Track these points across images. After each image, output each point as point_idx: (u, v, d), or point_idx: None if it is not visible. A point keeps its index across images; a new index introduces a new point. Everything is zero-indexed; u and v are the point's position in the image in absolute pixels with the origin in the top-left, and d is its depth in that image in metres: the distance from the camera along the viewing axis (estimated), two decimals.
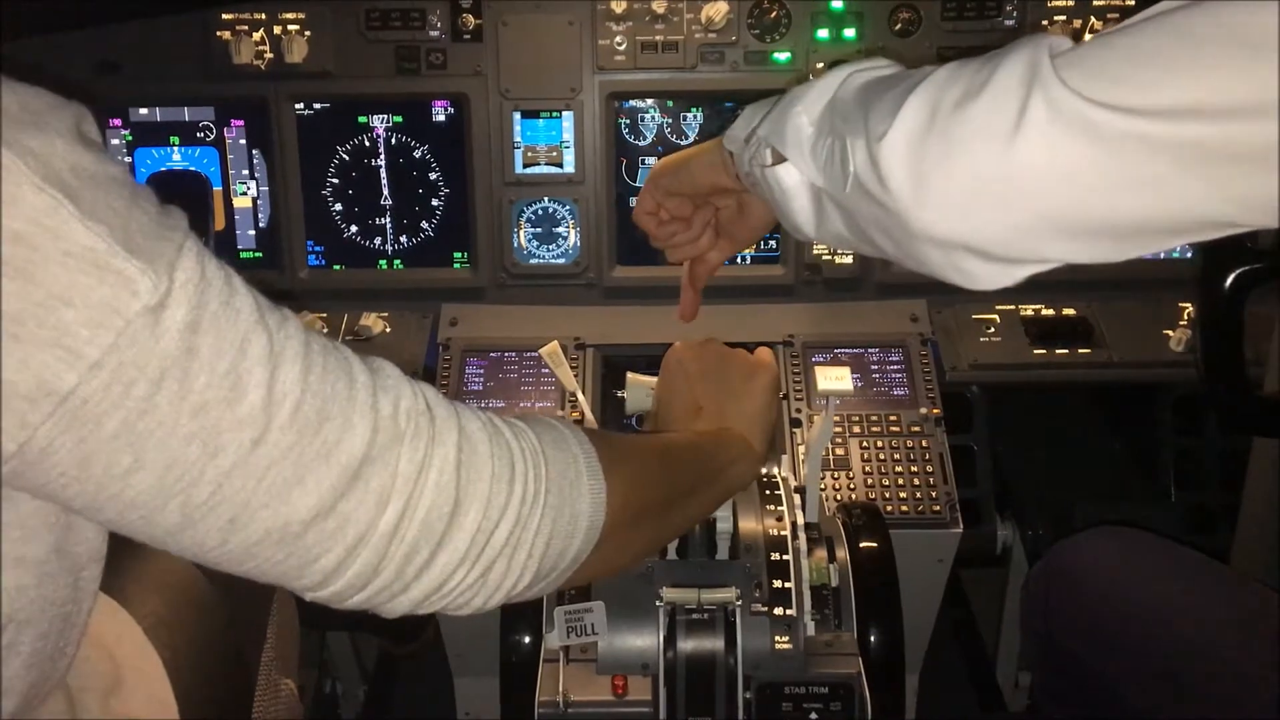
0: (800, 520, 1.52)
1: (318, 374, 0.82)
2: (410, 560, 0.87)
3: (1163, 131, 0.76)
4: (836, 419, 2.11)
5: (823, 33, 2.26)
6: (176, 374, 0.73)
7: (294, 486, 0.80)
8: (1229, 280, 1.52)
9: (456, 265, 2.37)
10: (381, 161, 2.33)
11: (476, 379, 2.21)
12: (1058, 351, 2.26)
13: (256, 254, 2.37)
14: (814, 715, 1.35)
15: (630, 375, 1.52)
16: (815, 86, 1.06)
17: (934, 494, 2.04)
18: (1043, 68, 0.81)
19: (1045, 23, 2.25)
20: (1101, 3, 2.25)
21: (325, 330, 2.30)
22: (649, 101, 2.31)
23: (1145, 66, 0.77)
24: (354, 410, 0.83)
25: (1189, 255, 2.34)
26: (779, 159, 1.09)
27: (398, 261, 2.37)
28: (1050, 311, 2.33)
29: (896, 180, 0.88)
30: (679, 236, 1.40)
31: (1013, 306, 2.34)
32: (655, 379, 1.52)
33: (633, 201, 2.33)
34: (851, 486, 2.05)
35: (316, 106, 2.31)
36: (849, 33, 2.26)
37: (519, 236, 2.33)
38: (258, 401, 0.77)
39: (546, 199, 2.32)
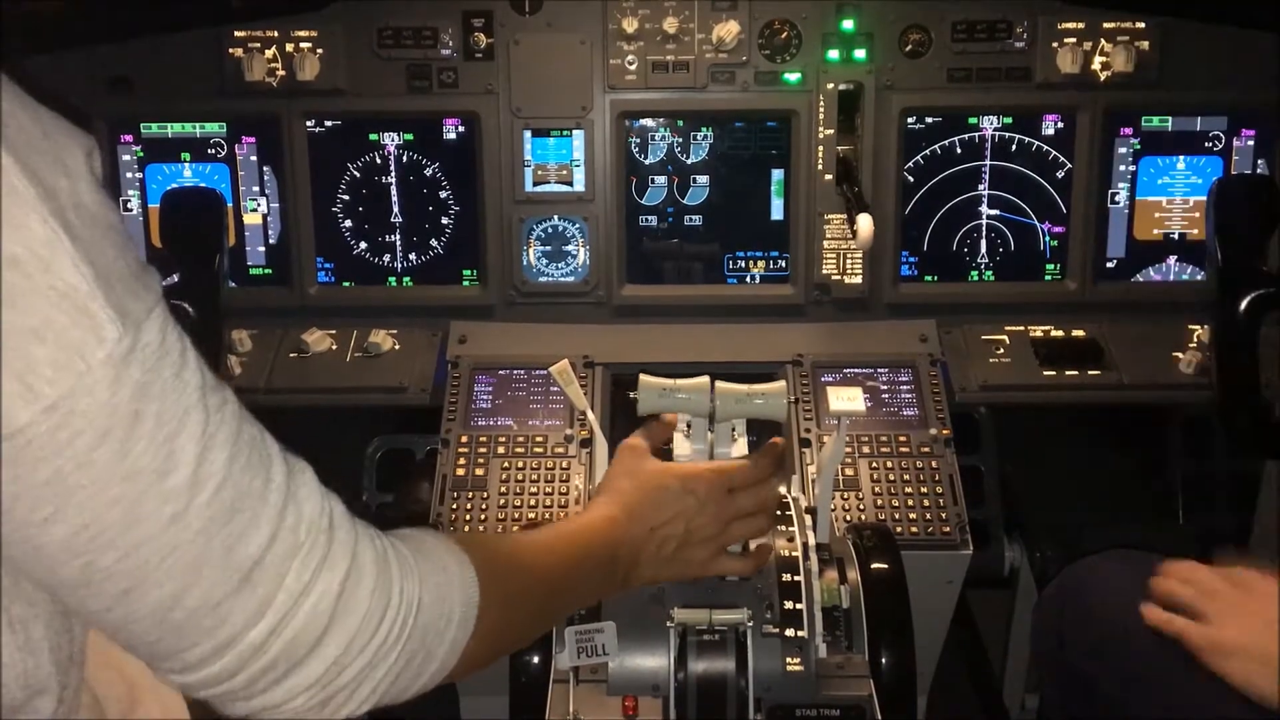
0: (811, 541, 1.51)
1: (241, 465, 0.84)
2: (265, 674, 0.88)
3: None
4: (845, 439, 2.10)
5: (833, 53, 2.26)
6: (119, 434, 0.75)
7: (190, 573, 0.81)
8: (1244, 304, 1.52)
9: (466, 283, 2.37)
10: (392, 179, 2.34)
11: (485, 397, 2.21)
12: (1067, 373, 2.25)
13: (266, 270, 2.37)
14: None
15: (643, 376, 1.51)
16: None
17: (944, 515, 2.03)
18: None
19: (1055, 45, 2.25)
20: (1111, 26, 2.26)
21: (334, 347, 2.30)
22: (659, 121, 2.32)
23: None
24: (263, 511, 0.85)
25: (1199, 278, 2.34)
26: None
27: (407, 279, 2.37)
28: (1060, 333, 2.32)
29: None
30: None
31: (1022, 328, 2.34)
32: (669, 381, 1.51)
33: (642, 220, 2.35)
34: (861, 507, 2.04)
35: (328, 124, 2.31)
36: (859, 54, 2.26)
37: (528, 254, 2.34)
38: (184, 479, 0.79)
39: (556, 217, 2.33)
